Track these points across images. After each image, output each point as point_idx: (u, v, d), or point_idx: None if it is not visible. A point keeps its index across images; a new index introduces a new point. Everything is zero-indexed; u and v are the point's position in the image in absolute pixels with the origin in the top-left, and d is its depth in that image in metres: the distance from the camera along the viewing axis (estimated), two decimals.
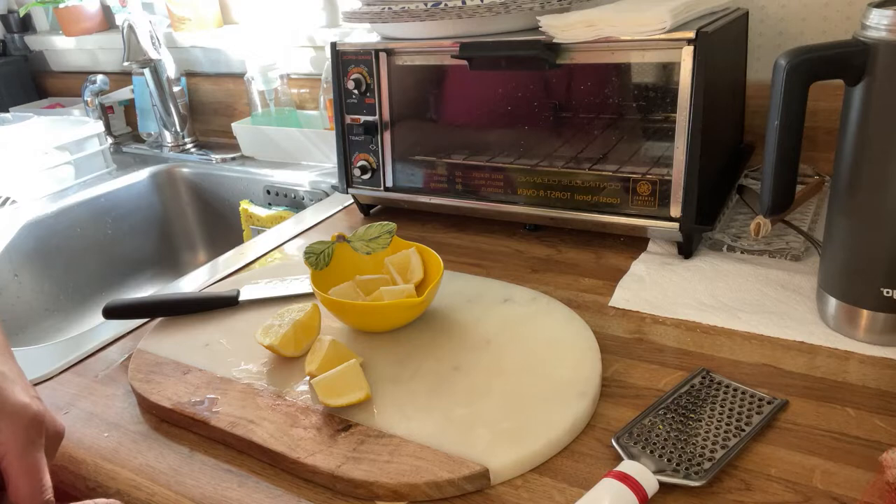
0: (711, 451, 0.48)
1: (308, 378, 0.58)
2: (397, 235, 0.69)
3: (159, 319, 0.71)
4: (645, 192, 0.74)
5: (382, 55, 0.85)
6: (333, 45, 0.88)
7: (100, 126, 1.32)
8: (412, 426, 0.52)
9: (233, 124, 1.30)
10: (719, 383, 0.55)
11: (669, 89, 0.70)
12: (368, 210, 0.96)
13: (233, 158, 1.32)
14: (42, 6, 1.63)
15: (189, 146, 1.40)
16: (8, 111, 1.51)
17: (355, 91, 0.87)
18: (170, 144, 1.40)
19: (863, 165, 0.55)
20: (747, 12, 0.88)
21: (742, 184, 0.85)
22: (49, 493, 0.45)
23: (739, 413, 0.51)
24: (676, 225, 0.73)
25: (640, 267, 0.74)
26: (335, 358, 0.58)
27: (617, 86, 0.74)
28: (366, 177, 0.90)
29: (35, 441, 0.46)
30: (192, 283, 0.82)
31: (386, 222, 0.69)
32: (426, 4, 0.77)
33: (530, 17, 0.78)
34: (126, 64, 1.28)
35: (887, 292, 0.56)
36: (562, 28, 0.73)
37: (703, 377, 0.55)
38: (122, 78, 1.53)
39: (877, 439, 0.49)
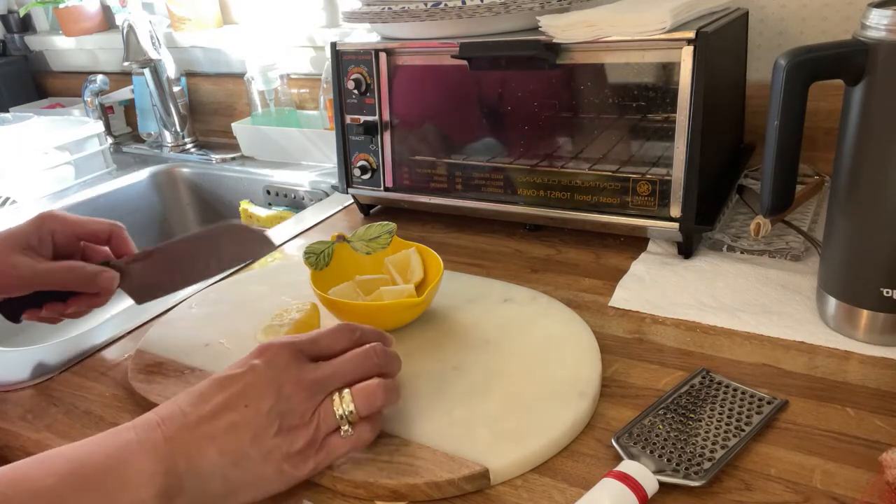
0: (711, 451, 0.48)
1: None
2: (397, 235, 0.69)
3: (159, 319, 0.71)
4: (645, 192, 0.74)
5: (382, 55, 0.85)
6: (333, 45, 0.88)
7: (100, 126, 1.32)
8: (412, 426, 0.52)
9: (233, 124, 1.30)
10: (719, 383, 0.55)
11: (669, 89, 0.70)
12: (368, 210, 0.96)
13: (233, 158, 1.32)
14: (42, 6, 1.63)
15: (189, 146, 1.40)
16: (8, 111, 1.50)
17: (355, 91, 0.87)
18: (170, 144, 1.40)
19: (863, 165, 0.55)
20: (747, 12, 0.88)
21: (742, 184, 0.85)
22: None
23: (739, 413, 0.51)
24: (676, 225, 0.73)
25: (640, 267, 0.74)
26: None
27: (617, 86, 0.74)
28: (366, 177, 0.90)
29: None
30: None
31: (386, 222, 0.69)
32: (426, 4, 0.77)
33: (530, 17, 0.78)
34: (126, 64, 1.28)
35: (887, 292, 0.56)
36: (562, 28, 0.73)
37: (703, 377, 0.55)
38: (122, 78, 1.53)
39: (877, 439, 0.49)
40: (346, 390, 0.47)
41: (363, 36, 0.93)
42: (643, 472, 0.45)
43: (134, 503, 0.40)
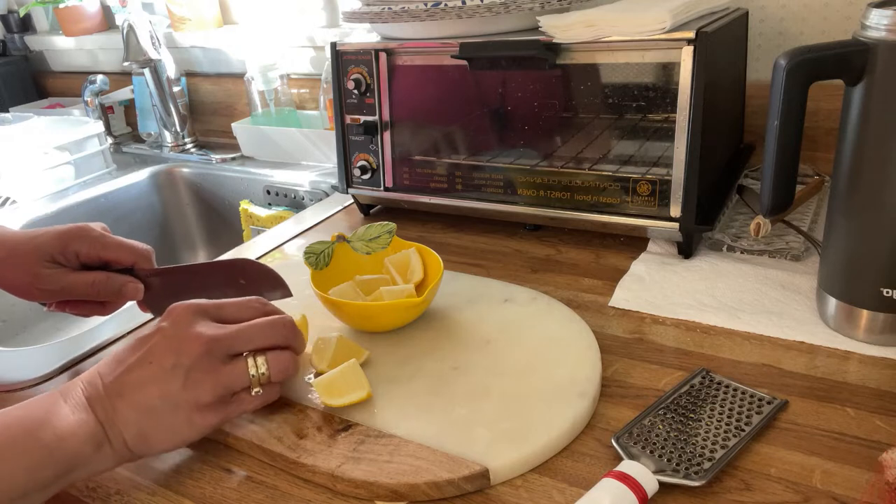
0: (711, 451, 0.48)
1: (309, 378, 0.58)
2: (397, 235, 0.69)
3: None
4: (645, 192, 0.74)
5: (382, 55, 0.85)
6: (333, 45, 0.88)
7: (100, 126, 1.32)
8: (412, 426, 0.52)
9: (233, 124, 1.30)
10: (719, 383, 0.55)
11: (669, 89, 0.70)
12: (368, 210, 0.96)
13: (233, 158, 1.32)
14: (42, 6, 1.63)
15: (189, 146, 1.40)
16: (8, 111, 1.51)
17: (355, 91, 0.87)
18: (170, 144, 1.40)
19: (862, 165, 0.55)
20: (747, 12, 0.88)
21: (742, 184, 0.85)
22: None
23: (739, 413, 0.51)
24: (676, 225, 0.73)
25: (640, 267, 0.74)
26: (347, 353, 0.58)
27: (617, 86, 0.74)
28: (366, 177, 0.90)
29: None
30: None
31: (386, 222, 0.69)
32: (426, 4, 0.77)
33: (530, 17, 0.78)
34: (126, 64, 1.28)
35: (887, 292, 0.56)
36: (562, 28, 0.73)
37: (703, 377, 0.55)
38: (122, 78, 1.53)
39: (877, 439, 0.49)
40: (262, 355, 0.51)
41: (363, 36, 0.93)
42: (643, 472, 0.45)
43: (69, 450, 0.45)
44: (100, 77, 1.47)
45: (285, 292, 0.64)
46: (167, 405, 0.48)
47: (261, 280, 0.64)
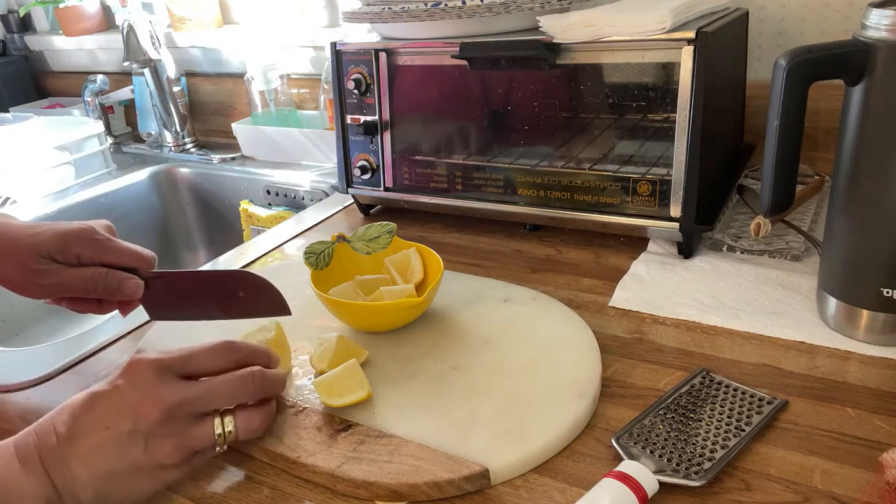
0: (711, 451, 0.48)
1: (308, 378, 0.58)
2: (397, 235, 0.69)
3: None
4: (645, 192, 0.74)
5: (382, 55, 0.85)
6: (333, 45, 0.88)
7: (100, 126, 1.32)
8: (412, 426, 0.52)
9: (233, 124, 1.30)
10: (719, 383, 0.55)
11: (669, 89, 0.70)
12: (368, 210, 0.96)
13: (233, 158, 1.32)
14: (42, 6, 1.63)
15: (189, 146, 1.40)
16: (8, 111, 1.50)
17: (355, 91, 0.87)
18: (170, 144, 1.40)
19: (862, 165, 0.55)
20: (747, 12, 0.88)
21: (742, 184, 0.85)
22: None
23: (739, 413, 0.51)
24: (676, 225, 0.73)
25: (640, 267, 0.74)
26: (347, 353, 0.58)
27: (617, 86, 0.74)
28: (366, 177, 0.90)
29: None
30: None
31: (386, 222, 0.69)
32: (426, 4, 0.77)
33: (530, 17, 0.78)
34: (126, 64, 1.28)
35: (887, 292, 0.56)
36: (562, 28, 0.73)
37: (703, 377, 0.55)
38: (122, 78, 1.53)
39: (877, 439, 0.49)
40: (230, 414, 0.49)
41: (363, 36, 0.93)
42: (643, 472, 0.45)
43: None
44: (100, 77, 1.47)
45: (284, 311, 0.62)
46: (128, 469, 0.45)
47: (260, 295, 0.62)
